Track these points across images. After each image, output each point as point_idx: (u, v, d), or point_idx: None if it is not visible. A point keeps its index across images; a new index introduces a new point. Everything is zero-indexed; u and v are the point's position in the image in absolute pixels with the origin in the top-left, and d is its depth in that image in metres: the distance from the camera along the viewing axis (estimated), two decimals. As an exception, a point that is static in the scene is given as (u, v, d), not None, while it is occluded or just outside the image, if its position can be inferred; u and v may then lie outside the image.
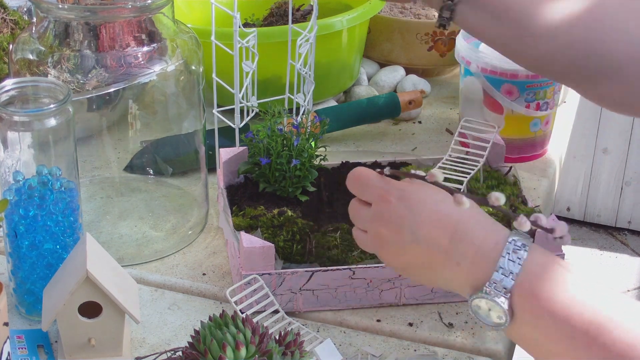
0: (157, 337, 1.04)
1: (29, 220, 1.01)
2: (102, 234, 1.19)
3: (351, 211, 0.90)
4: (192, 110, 1.18)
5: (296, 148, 1.15)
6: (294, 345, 0.90)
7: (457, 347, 1.05)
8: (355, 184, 0.89)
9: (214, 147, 1.28)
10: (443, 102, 1.57)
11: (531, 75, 1.31)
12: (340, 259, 1.08)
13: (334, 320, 1.08)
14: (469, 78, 1.37)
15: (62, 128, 1.01)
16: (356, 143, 1.43)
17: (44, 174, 1.02)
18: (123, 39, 1.09)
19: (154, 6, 1.09)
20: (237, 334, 0.87)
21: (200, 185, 1.23)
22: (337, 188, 1.20)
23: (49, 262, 1.03)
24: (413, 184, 0.86)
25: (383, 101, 1.44)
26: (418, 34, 1.56)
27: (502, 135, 1.30)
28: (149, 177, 1.28)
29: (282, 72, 1.40)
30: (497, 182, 1.20)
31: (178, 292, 1.12)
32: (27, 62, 1.11)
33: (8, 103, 1.01)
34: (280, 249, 1.08)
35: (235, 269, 1.09)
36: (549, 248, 1.08)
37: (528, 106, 1.33)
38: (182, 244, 1.19)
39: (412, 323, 1.07)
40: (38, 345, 1.02)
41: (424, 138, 1.45)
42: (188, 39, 1.15)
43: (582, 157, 2.91)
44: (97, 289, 0.95)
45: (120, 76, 1.09)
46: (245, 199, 1.16)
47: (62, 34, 1.09)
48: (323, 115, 1.36)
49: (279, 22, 1.53)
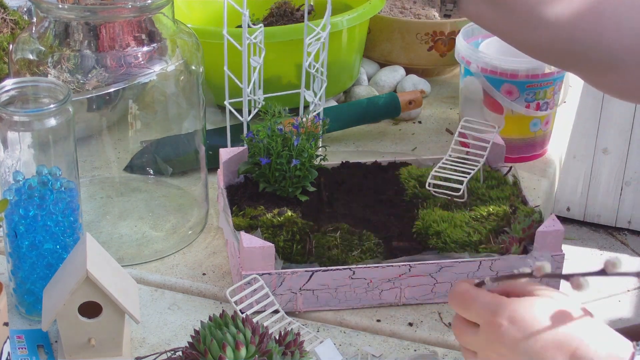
0: (157, 337, 1.04)
1: (29, 220, 1.01)
2: (102, 234, 1.19)
3: (455, 329, 0.84)
4: (192, 110, 1.18)
5: (296, 148, 1.15)
6: (294, 345, 0.90)
7: (457, 347, 1.05)
8: (459, 303, 0.82)
9: (214, 147, 1.27)
10: (443, 102, 1.57)
11: (531, 75, 1.31)
12: (340, 259, 1.08)
13: (334, 320, 1.08)
14: (469, 78, 1.37)
15: (62, 128, 1.01)
16: (356, 143, 1.43)
17: (44, 174, 1.02)
18: (123, 39, 1.09)
19: (154, 6, 1.09)
20: (237, 334, 0.87)
21: (200, 185, 1.23)
22: (337, 188, 1.20)
23: (49, 262, 1.03)
24: (523, 301, 0.79)
25: (383, 101, 1.44)
26: (418, 34, 1.56)
27: (502, 135, 1.30)
28: (149, 177, 1.28)
29: (283, 72, 1.40)
30: (497, 182, 1.20)
31: (178, 292, 1.12)
32: (27, 62, 1.11)
33: (8, 103, 1.01)
34: (280, 249, 1.08)
35: (235, 269, 1.09)
36: (549, 246, 1.08)
37: (528, 106, 1.33)
38: (182, 244, 1.19)
39: (412, 323, 1.07)
40: (38, 345, 1.02)
41: (424, 138, 1.46)
42: (188, 39, 1.15)
43: (582, 157, 2.91)
44: (97, 289, 0.95)
45: (120, 76, 1.09)
46: (245, 199, 1.16)
47: (62, 34, 1.09)
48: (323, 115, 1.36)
49: (279, 22, 1.53)
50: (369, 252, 1.08)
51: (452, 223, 1.12)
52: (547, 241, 1.08)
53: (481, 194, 1.18)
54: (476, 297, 0.80)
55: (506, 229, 1.11)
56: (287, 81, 1.41)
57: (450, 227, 1.11)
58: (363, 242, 1.09)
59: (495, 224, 1.12)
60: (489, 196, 1.17)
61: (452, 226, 1.11)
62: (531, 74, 1.31)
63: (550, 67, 1.31)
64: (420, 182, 1.19)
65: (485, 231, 1.11)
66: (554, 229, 1.08)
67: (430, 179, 1.16)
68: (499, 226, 1.12)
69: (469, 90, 1.38)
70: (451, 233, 1.10)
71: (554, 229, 1.08)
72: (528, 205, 1.16)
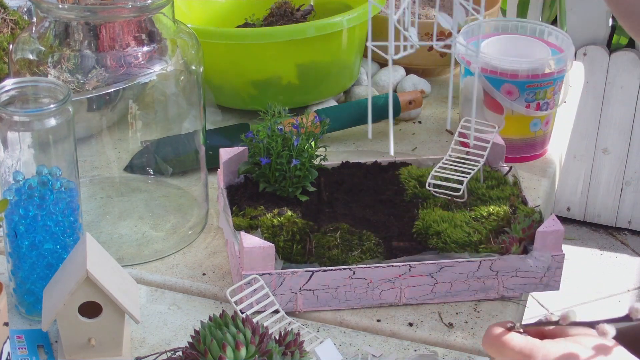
0: (157, 337, 1.05)
1: (29, 220, 1.01)
2: (102, 234, 1.19)
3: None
4: (192, 110, 1.18)
5: (296, 148, 1.15)
6: (294, 345, 0.90)
7: (457, 347, 1.05)
8: (492, 347, 0.83)
9: (214, 147, 1.28)
10: (443, 102, 1.57)
11: (531, 75, 1.31)
12: (341, 258, 1.08)
13: (334, 320, 1.08)
14: (469, 78, 1.37)
15: (62, 128, 1.01)
16: (356, 143, 1.43)
17: (44, 174, 1.02)
18: (123, 39, 1.09)
19: (154, 6, 1.09)
20: (237, 334, 0.87)
21: (200, 185, 1.23)
22: (337, 188, 1.20)
23: (49, 262, 1.03)
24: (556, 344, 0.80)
25: (383, 101, 1.44)
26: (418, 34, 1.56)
27: (502, 135, 1.30)
28: (149, 177, 1.28)
29: (283, 72, 1.40)
30: (497, 182, 1.20)
31: (178, 292, 1.12)
32: (27, 62, 1.11)
33: (8, 103, 1.01)
34: (280, 249, 1.08)
35: (235, 269, 1.09)
36: (548, 245, 1.08)
37: (528, 106, 1.33)
38: (182, 244, 1.19)
39: (412, 323, 1.07)
40: (38, 345, 1.02)
41: (424, 138, 1.46)
42: (188, 39, 1.15)
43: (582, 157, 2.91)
44: (97, 289, 0.95)
45: (120, 76, 1.09)
46: (245, 199, 1.16)
47: (62, 34, 1.09)
48: (323, 115, 1.36)
49: (279, 22, 1.53)
50: (369, 252, 1.08)
51: (452, 223, 1.12)
52: (547, 241, 1.08)
53: (481, 194, 1.18)
54: (510, 341, 0.81)
55: (506, 229, 1.11)
56: (287, 81, 1.41)
57: (451, 227, 1.11)
58: (363, 242, 1.09)
59: (495, 224, 1.12)
60: (489, 196, 1.17)
61: (452, 226, 1.11)
62: (531, 74, 1.31)
63: (550, 67, 1.32)
64: (420, 182, 1.19)
65: (486, 231, 1.11)
66: (554, 229, 1.08)
67: (430, 179, 1.16)
68: (499, 226, 1.12)
69: (469, 90, 1.38)
70: (451, 233, 1.10)
71: (554, 229, 1.08)
72: (528, 205, 1.16)
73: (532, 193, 1.32)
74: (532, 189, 1.33)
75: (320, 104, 1.48)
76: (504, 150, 1.24)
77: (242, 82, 1.42)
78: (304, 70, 1.36)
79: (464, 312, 1.09)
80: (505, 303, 1.11)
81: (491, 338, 0.82)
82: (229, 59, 1.40)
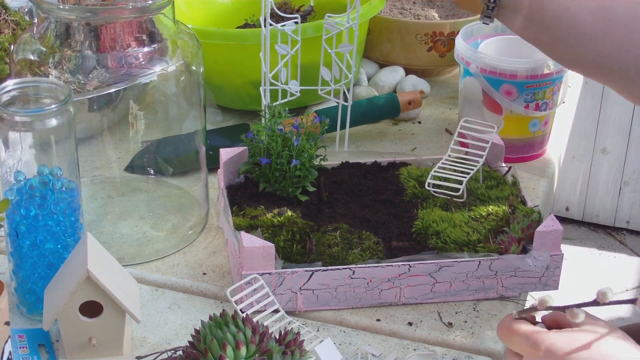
0: (157, 337, 1.05)
1: (30, 220, 1.01)
2: (103, 234, 1.20)
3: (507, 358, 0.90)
4: (193, 111, 1.19)
5: (296, 148, 1.15)
6: (294, 345, 0.90)
7: (457, 347, 1.05)
8: (503, 335, 0.88)
9: (214, 147, 1.28)
10: (443, 102, 1.57)
11: (530, 76, 1.31)
12: (341, 256, 1.08)
13: (333, 320, 1.08)
14: (469, 78, 1.37)
15: (63, 128, 1.01)
16: (356, 143, 1.43)
17: (45, 174, 1.02)
18: (124, 39, 1.09)
19: (155, 7, 1.09)
20: (237, 333, 0.87)
21: (200, 185, 1.24)
22: (337, 188, 1.20)
23: (50, 261, 1.03)
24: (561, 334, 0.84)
25: (383, 101, 1.45)
26: (417, 34, 1.57)
27: (501, 135, 1.31)
28: (149, 177, 1.29)
29: (282, 73, 1.40)
30: (497, 182, 1.21)
31: (178, 291, 1.13)
32: (28, 63, 1.11)
33: (9, 103, 1.01)
34: (280, 248, 1.08)
35: (236, 269, 1.09)
36: (547, 245, 1.08)
37: (527, 106, 1.34)
38: (183, 243, 1.20)
39: (412, 322, 1.08)
40: (39, 344, 1.02)
41: (424, 138, 1.46)
42: (188, 40, 1.15)
43: (581, 157, 2.91)
44: (98, 289, 0.95)
45: (121, 76, 1.09)
46: (246, 199, 1.17)
47: (63, 35, 1.09)
48: (323, 115, 1.36)
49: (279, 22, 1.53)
50: (369, 251, 1.09)
51: (452, 223, 1.12)
52: (546, 241, 1.08)
53: (480, 194, 1.18)
54: (517, 330, 0.86)
55: (505, 229, 1.11)
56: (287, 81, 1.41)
57: (450, 227, 1.11)
58: (363, 242, 1.10)
59: (494, 223, 1.12)
60: (488, 196, 1.18)
61: (451, 226, 1.12)
62: (530, 74, 1.31)
63: (549, 68, 1.32)
64: (419, 182, 1.20)
65: (485, 231, 1.11)
66: (553, 228, 1.08)
67: (430, 179, 1.17)
68: (498, 226, 1.12)
69: (468, 90, 1.38)
70: (450, 233, 1.11)
71: (552, 229, 1.08)
72: (527, 205, 1.17)
73: (531, 193, 1.32)
74: (531, 189, 1.33)
75: (320, 104, 1.49)
76: (503, 150, 1.25)
77: (242, 82, 1.42)
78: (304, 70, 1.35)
79: (463, 311, 1.09)
80: (504, 302, 1.11)
81: (502, 327, 0.88)
82: (229, 59, 1.40)
